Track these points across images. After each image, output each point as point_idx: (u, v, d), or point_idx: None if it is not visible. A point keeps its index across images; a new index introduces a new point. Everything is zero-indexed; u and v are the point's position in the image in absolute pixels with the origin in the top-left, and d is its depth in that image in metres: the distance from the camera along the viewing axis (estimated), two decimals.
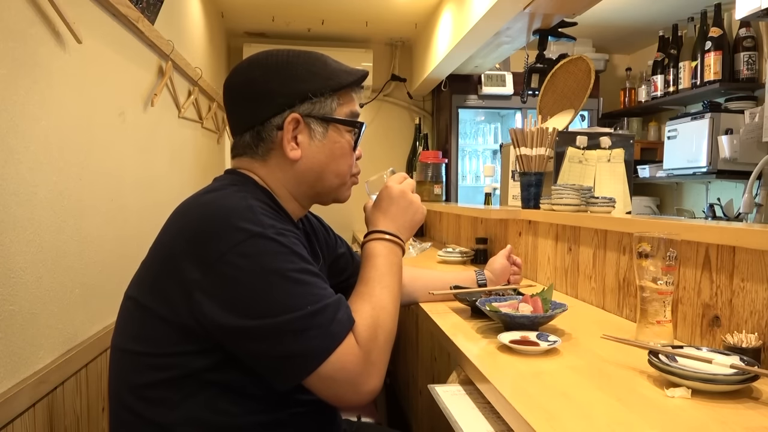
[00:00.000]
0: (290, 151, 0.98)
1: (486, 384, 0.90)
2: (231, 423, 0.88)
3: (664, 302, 1.03)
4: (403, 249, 1.06)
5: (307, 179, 1.01)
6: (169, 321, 0.86)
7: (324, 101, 0.99)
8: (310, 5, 3.35)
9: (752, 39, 3.12)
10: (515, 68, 3.87)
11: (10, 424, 1.03)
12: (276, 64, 0.99)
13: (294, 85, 0.98)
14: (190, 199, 0.95)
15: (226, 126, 3.56)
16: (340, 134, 1.01)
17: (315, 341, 0.82)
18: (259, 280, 0.82)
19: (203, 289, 0.83)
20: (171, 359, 0.87)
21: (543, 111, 2.25)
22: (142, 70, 1.87)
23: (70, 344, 1.31)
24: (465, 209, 2.48)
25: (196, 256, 0.84)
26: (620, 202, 1.89)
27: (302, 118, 0.97)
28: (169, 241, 0.91)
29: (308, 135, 0.99)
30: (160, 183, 2.09)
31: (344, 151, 1.02)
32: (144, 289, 0.91)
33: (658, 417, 0.75)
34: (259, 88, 0.98)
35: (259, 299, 0.82)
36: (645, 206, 3.90)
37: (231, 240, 0.83)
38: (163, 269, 0.88)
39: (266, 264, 0.83)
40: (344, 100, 1.02)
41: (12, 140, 1.08)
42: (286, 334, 0.81)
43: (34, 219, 1.16)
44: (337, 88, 1.00)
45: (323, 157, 1.01)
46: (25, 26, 1.14)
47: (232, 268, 0.82)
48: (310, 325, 0.82)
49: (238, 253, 0.82)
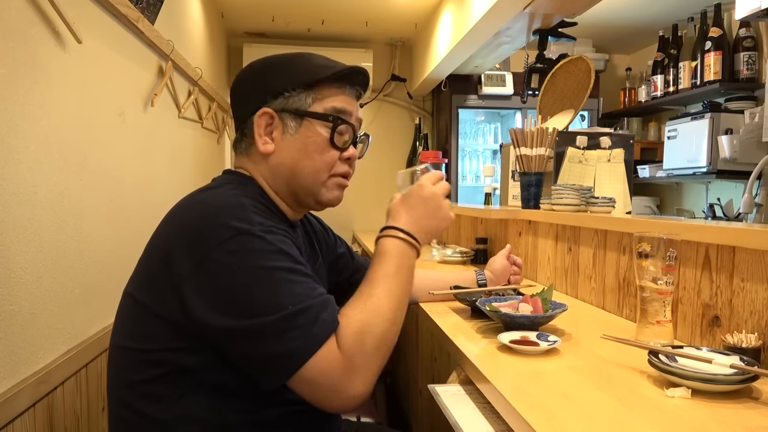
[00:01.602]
0: (262, 145, 0.99)
1: (486, 384, 0.90)
2: (226, 421, 0.88)
3: (664, 302, 1.03)
4: (418, 252, 1.02)
5: (281, 174, 1.00)
6: (163, 318, 0.87)
7: (297, 96, 0.98)
8: (310, 5, 3.35)
9: (752, 39, 3.12)
10: (515, 68, 3.87)
11: (10, 424, 1.03)
12: (256, 66, 1.04)
13: (267, 81, 1.00)
14: (185, 198, 0.96)
15: (226, 126, 3.59)
16: (313, 129, 0.99)
17: (296, 342, 0.80)
18: (243, 277, 0.82)
19: (191, 286, 0.83)
20: (165, 355, 0.87)
21: (543, 111, 2.25)
22: (142, 70, 1.87)
23: (70, 344, 1.31)
24: (465, 209, 2.48)
25: (186, 253, 0.84)
26: (620, 202, 1.89)
27: (276, 112, 0.99)
28: (162, 239, 0.91)
29: (282, 129, 0.99)
30: (160, 183, 2.09)
31: (318, 147, 0.99)
32: (139, 286, 0.92)
33: (658, 417, 0.75)
34: (244, 88, 1.04)
35: (242, 298, 0.82)
36: (645, 206, 3.90)
37: (218, 237, 0.83)
38: (156, 266, 0.89)
39: (251, 262, 0.83)
40: (323, 95, 1.00)
41: (12, 140, 1.08)
42: (267, 335, 0.81)
43: (34, 219, 1.16)
44: (311, 83, 0.99)
45: (295, 152, 0.99)
46: (25, 26, 1.14)
47: (217, 266, 0.82)
48: (292, 325, 0.80)
49: (224, 251, 0.82)
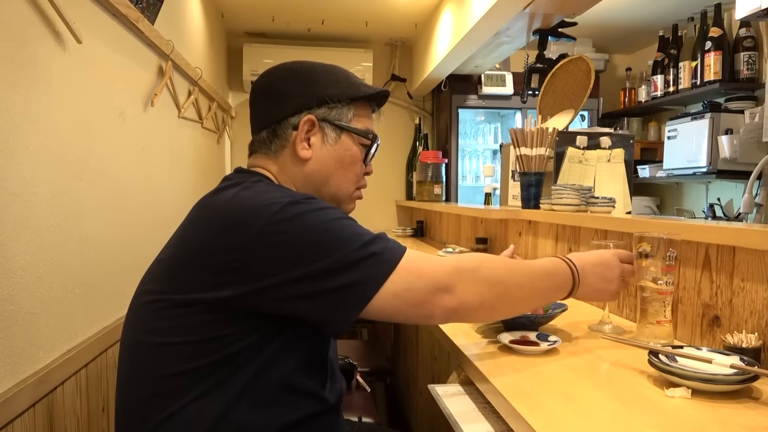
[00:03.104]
0: (301, 150, 1.01)
1: (486, 384, 0.90)
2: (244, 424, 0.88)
3: (664, 302, 1.03)
4: (570, 292, 1.04)
5: (313, 181, 1.03)
6: (197, 308, 0.86)
7: (340, 108, 1.02)
8: (310, 5, 3.35)
9: (752, 39, 3.12)
10: (515, 68, 3.86)
11: (10, 424, 1.03)
12: (300, 69, 1.05)
13: (313, 88, 1.02)
14: (211, 194, 0.96)
15: (226, 126, 3.59)
16: (352, 143, 1.04)
17: (372, 268, 0.85)
18: (305, 234, 0.85)
19: (249, 265, 0.84)
20: (207, 345, 0.86)
21: (543, 111, 2.25)
22: (142, 70, 1.87)
23: (70, 344, 1.31)
24: (465, 209, 2.48)
25: (233, 242, 0.85)
26: (620, 202, 1.89)
27: (318, 121, 1.01)
28: (196, 235, 0.91)
29: (321, 138, 1.02)
30: (160, 183, 2.09)
31: (353, 160, 1.05)
32: (172, 283, 0.90)
33: (658, 417, 0.75)
34: (280, 89, 1.04)
35: (310, 248, 0.85)
36: (645, 206, 3.90)
37: (266, 213, 0.86)
38: (190, 262, 0.88)
39: (307, 221, 0.87)
40: (361, 113, 1.05)
41: (12, 140, 1.08)
42: (341, 268, 0.84)
43: (34, 219, 1.16)
44: (355, 98, 1.04)
45: (332, 161, 1.03)
46: (25, 26, 1.14)
47: (275, 236, 0.85)
48: (364, 254, 0.85)
49: (277, 221, 0.85)
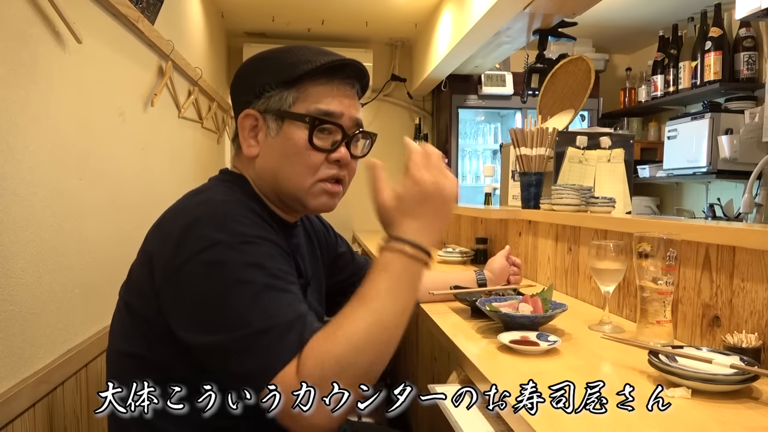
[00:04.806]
0: (246, 148, 0.95)
1: (486, 384, 0.90)
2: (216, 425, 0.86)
3: (664, 302, 1.03)
4: (428, 265, 0.86)
5: (266, 179, 0.96)
6: (150, 322, 0.86)
7: (278, 95, 0.92)
8: (310, 5, 3.35)
9: (752, 39, 3.12)
10: (515, 68, 3.87)
11: (10, 424, 1.03)
12: (249, 62, 0.98)
13: (252, 79, 0.95)
14: (177, 202, 0.93)
15: (226, 126, 3.59)
16: (292, 131, 0.91)
17: (256, 362, 0.75)
18: (213, 291, 0.78)
19: (165, 294, 0.83)
20: (159, 359, 0.86)
21: (543, 111, 2.25)
22: (142, 70, 1.87)
23: (70, 344, 1.31)
24: (465, 209, 2.47)
25: (164, 260, 0.83)
26: (620, 202, 1.89)
27: (260, 114, 0.93)
28: (149, 245, 0.90)
29: (265, 132, 0.94)
30: (160, 183, 2.09)
31: (297, 150, 0.91)
32: (130, 290, 0.92)
33: (658, 417, 0.75)
34: (235, 86, 0.99)
35: (211, 312, 0.79)
36: (645, 206, 3.90)
37: (193, 248, 0.80)
38: (143, 272, 0.88)
39: (223, 275, 0.79)
40: (307, 93, 0.92)
41: (12, 140, 1.08)
42: (232, 352, 0.76)
43: (34, 219, 1.16)
44: (291, 80, 0.91)
45: (275, 155, 0.93)
46: (25, 26, 1.14)
47: (189, 276, 0.80)
48: (253, 344, 0.75)
49: (197, 262, 0.79)
